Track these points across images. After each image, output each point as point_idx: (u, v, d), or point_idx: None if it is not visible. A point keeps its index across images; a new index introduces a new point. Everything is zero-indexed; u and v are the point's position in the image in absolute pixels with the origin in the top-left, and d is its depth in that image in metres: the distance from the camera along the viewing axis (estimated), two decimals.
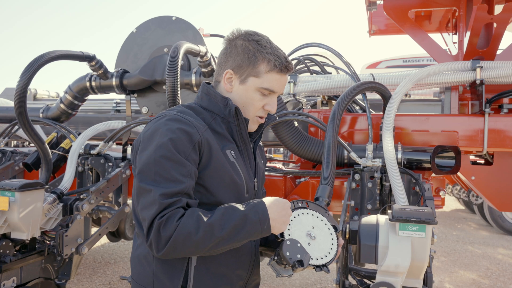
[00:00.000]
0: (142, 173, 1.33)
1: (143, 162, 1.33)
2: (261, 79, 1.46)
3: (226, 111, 1.47)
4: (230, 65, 1.48)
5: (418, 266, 1.51)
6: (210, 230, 1.26)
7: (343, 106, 2.14)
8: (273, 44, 1.50)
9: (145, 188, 1.30)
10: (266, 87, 1.46)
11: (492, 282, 4.95)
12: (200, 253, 1.30)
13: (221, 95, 1.48)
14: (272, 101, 1.51)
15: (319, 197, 1.68)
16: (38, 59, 2.60)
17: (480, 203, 7.75)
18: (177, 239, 1.25)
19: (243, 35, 1.49)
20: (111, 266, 5.10)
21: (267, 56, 1.45)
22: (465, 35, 2.89)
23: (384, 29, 4.40)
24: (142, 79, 3.13)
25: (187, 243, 1.26)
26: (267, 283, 4.60)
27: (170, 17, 3.20)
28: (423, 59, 9.41)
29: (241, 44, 1.47)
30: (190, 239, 1.25)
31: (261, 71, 1.45)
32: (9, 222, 2.42)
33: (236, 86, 1.49)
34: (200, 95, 1.55)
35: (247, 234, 1.30)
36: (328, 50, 2.86)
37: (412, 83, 2.54)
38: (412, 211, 1.54)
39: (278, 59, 1.46)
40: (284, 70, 1.48)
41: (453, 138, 2.56)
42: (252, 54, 1.45)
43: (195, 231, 1.25)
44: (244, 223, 1.29)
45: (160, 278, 1.41)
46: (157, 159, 1.31)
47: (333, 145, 1.94)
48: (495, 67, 2.56)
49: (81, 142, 3.06)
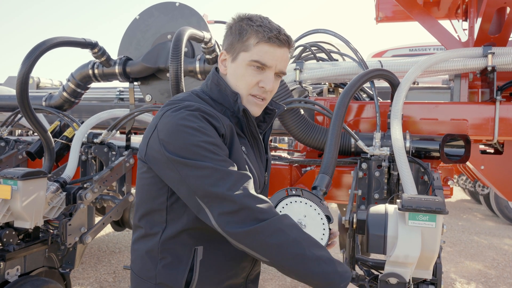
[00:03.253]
0: (188, 158, 1.25)
1: (184, 152, 1.26)
2: (250, 52, 1.38)
3: (236, 107, 1.42)
4: (224, 47, 1.45)
5: (428, 256, 1.47)
6: (302, 241, 1.23)
7: (350, 95, 2.06)
8: (267, 19, 1.41)
9: (202, 166, 1.24)
10: (256, 59, 1.38)
11: (499, 272, 4.91)
12: (270, 256, 1.22)
13: (231, 89, 1.42)
14: (267, 78, 1.40)
15: (317, 186, 1.65)
16: (39, 46, 2.56)
17: (486, 193, 7.70)
18: (271, 225, 1.21)
19: (239, 17, 1.44)
20: (115, 255, 5.11)
21: (256, 28, 1.37)
22: (476, 21, 2.81)
23: (391, 16, 4.30)
24: (145, 67, 3.09)
25: (278, 236, 1.20)
26: (272, 273, 4.59)
27: (173, 3, 3.14)
28: (429, 48, 9.28)
29: (234, 25, 1.43)
30: (282, 233, 1.22)
31: (250, 44, 1.38)
32: (12, 210, 2.40)
33: (229, 65, 1.44)
34: (209, 84, 1.47)
35: (322, 273, 1.22)
36: (335, 37, 2.80)
37: (421, 70, 2.48)
38: (422, 201, 1.49)
39: (269, 30, 1.37)
40: (275, 41, 1.38)
41: (463, 127, 2.50)
42: (243, 29, 1.39)
43: (289, 229, 1.23)
44: (332, 264, 1.24)
45: (164, 272, 1.38)
46: (198, 144, 1.26)
47: (337, 134, 1.87)
48: (508, 53, 2.48)
49: (84, 130, 3.03)
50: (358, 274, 1.97)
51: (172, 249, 1.38)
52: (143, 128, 4.06)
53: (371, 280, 1.87)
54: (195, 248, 1.38)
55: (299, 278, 1.24)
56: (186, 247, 1.38)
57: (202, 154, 1.25)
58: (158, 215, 1.40)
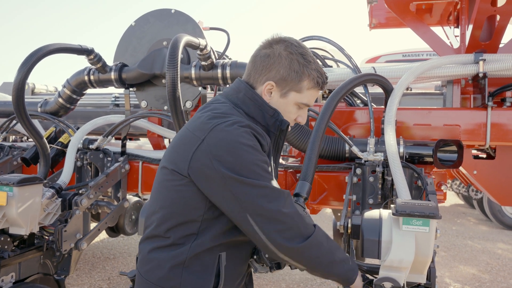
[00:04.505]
0: (246, 176, 1.30)
1: (242, 170, 1.30)
2: (302, 95, 1.47)
3: (271, 121, 1.47)
4: (273, 77, 1.46)
5: (422, 261, 1.49)
6: (333, 249, 1.42)
7: (337, 99, 2.00)
8: (314, 57, 1.50)
9: (259, 185, 1.31)
10: (306, 103, 1.49)
11: (492, 277, 4.95)
12: (309, 264, 1.40)
13: (269, 106, 1.47)
14: (304, 113, 1.55)
15: (298, 193, 1.66)
16: (35, 52, 2.57)
17: (479, 198, 7.74)
18: (317, 240, 1.38)
19: (287, 44, 1.46)
20: (110, 262, 5.08)
21: (312, 72, 1.45)
22: (467, 28, 2.86)
23: (384, 23, 4.36)
24: (141, 73, 3.10)
25: (318, 249, 1.38)
26: (267, 278, 4.59)
27: (169, 10, 3.16)
28: (423, 53, 9.36)
29: (286, 56, 1.45)
30: (321, 246, 1.38)
31: (303, 87, 1.46)
32: (7, 217, 2.39)
33: (276, 98, 1.48)
34: (241, 97, 1.48)
35: (343, 272, 1.46)
36: (329, 43, 2.83)
37: (414, 76, 2.51)
38: (415, 205, 1.52)
39: (321, 76, 1.47)
40: (323, 87, 1.50)
41: (455, 132, 2.54)
42: (298, 69, 1.44)
43: (325, 241, 1.40)
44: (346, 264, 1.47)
45: (190, 280, 1.38)
46: (256, 163, 1.32)
47: (319, 139, 1.84)
48: (498, 59, 2.53)
49: (80, 136, 3.03)
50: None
51: (199, 258, 1.39)
52: (138, 134, 4.07)
53: (366, 284, 1.89)
54: (220, 255, 1.41)
55: (323, 276, 1.46)
56: (212, 254, 1.41)
57: (258, 172, 1.31)
58: (191, 226, 1.39)
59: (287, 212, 1.32)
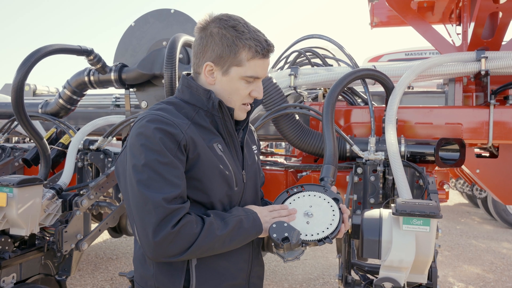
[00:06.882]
0: (137, 179, 1.27)
1: (135, 169, 1.28)
2: (245, 68, 1.38)
3: (210, 104, 1.40)
4: (209, 57, 1.40)
5: (422, 261, 1.47)
6: (212, 232, 1.32)
7: (338, 90, 2.12)
8: (250, 27, 1.40)
9: (142, 193, 1.26)
10: (251, 75, 1.39)
11: (497, 276, 4.91)
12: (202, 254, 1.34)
13: (203, 88, 1.41)
14: (258, 87, 1.44)
15: (324, 177, 1.65)
16: (35, 53, 2.57)
17: (484, 197, 7.70)
18: (195, 250, 1.29)
19: (217, 21, 1.39)
20: (113, 262, 5.08)
21: (247, 42, 1.36)
22: (469, 26, 2.83)
23: (386, 21, 4.33)
24: (140, 73, 3.09)
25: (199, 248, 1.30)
26: (270, 278, 4.58)
27: (168, 10, 3.16)
28: (425, 52, 9.32)
29: (217, 32, 1.37)
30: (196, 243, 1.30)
31: (243, 59, 1.37)
32: (7, 218, 2.39)
33: (219, 78, 1.41)
34: (180, 88, 1.48)
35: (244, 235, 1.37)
36: (330, 42, 2.82)
37: (415, 74, 2.49)
38: (416, 205, 1.50)
39: (259, 44, 1.37)
40: (267, 54, 1.40)
41: (458, 131, 2.51)
42: (231, 42, 1.36)
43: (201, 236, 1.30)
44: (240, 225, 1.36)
45: (161, 279, 1.37)
46: (148, 164, 1.26)
47: (332, 126, 1.93)
48: (500, 57, 2.50)
49: (80, 137, 3.03)
50: (354, 279, 1.98)
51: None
52: None
53: (366, 285, 1.88)
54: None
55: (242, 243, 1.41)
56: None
57: (147, 174, 1.31)
58: None
59: (146, 222, 1.28)
